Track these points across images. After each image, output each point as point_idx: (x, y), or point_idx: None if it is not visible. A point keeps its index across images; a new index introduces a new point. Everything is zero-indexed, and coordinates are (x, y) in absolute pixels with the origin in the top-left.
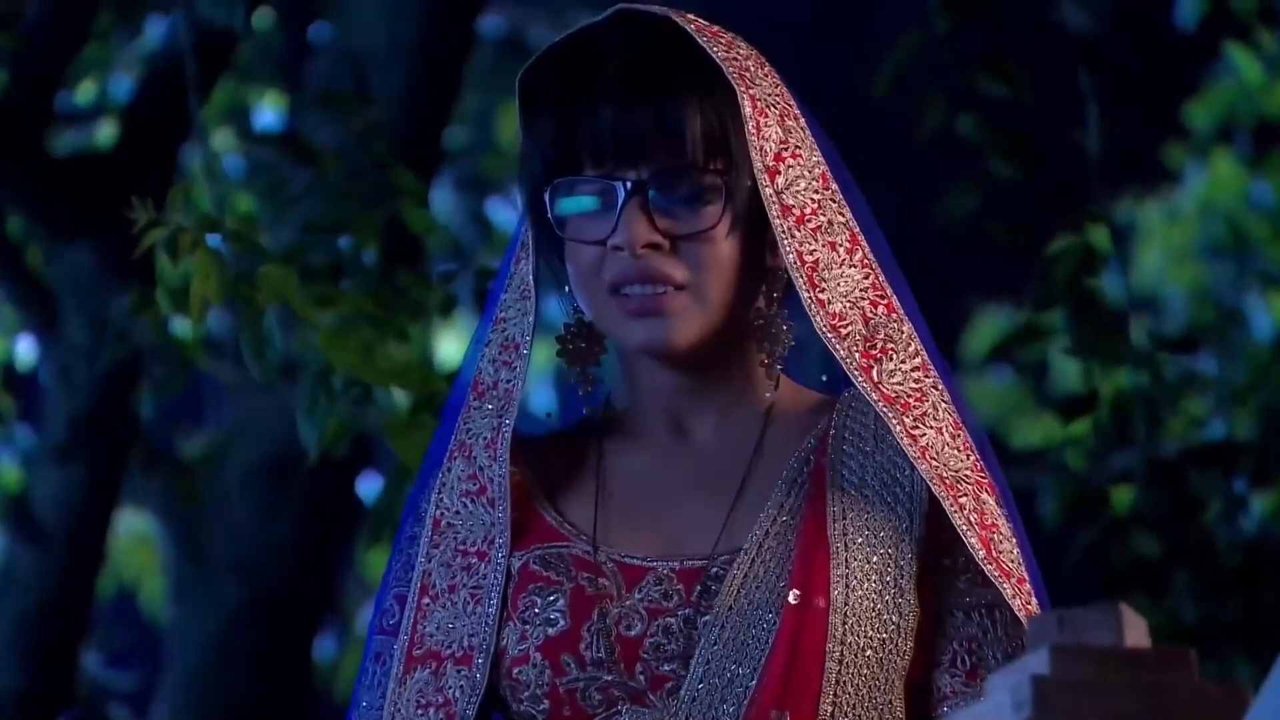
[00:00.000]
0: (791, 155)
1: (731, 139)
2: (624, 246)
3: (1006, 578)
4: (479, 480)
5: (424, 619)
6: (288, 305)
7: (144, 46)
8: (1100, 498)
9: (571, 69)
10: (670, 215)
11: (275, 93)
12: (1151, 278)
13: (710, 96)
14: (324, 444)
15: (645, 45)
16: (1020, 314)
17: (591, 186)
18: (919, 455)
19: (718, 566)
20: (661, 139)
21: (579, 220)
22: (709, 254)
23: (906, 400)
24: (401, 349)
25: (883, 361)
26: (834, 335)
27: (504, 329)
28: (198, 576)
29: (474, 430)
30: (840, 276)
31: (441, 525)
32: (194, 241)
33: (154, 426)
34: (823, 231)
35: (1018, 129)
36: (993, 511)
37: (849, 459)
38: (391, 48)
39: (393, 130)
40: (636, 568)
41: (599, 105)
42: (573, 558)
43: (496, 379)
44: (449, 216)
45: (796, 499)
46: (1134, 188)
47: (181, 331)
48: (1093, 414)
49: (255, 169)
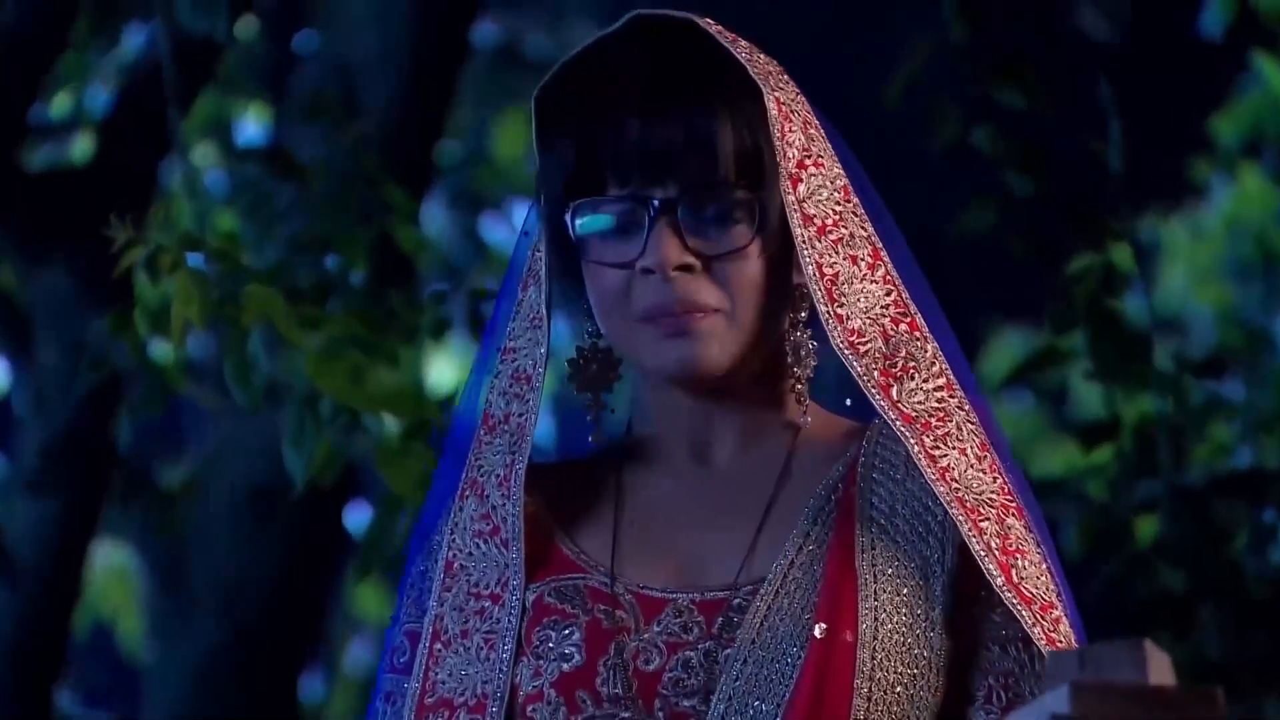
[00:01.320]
0: (814, 164)
1: (763, 151)
2: (654, 269)
3: (1027, 605)
4: (492, 520)
5: (436, 665)
6: (273, 327)
7: (122, 57)
8: (1123, 529)
9: (591, 81)
10: (701, 235)
11: (259, 105)
12: (1176, 298)
13: (739, 106)
14: (311, 472)
15: (668, 53)
16: (1039, 336)
17: (616, 206)
18: (938, 477)
19: (740, 598)
20: (691, 154)
21: (602, 242)
22: (741, 274)
23: (927, 420)
24: (391, 373)
25: (903, 381)
26: (852, 352)
27: (514, 359)
28: (178, 611)
29: (485, 467)
30: (861, 292)
31: (454, 568)
32: (174, 261)
33: (132, 454)
34: (844, 244)
35: (1036, 142)
36: (1019, 536)
37: (879, 487)
38: (381, 57)
39: (382, 144)
40: (655, 599)
41: (623, 119)
42: (589, 589)
43: (508, 412)
44: (441, 234)
45: (823, 528)
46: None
47: (161, 355)
48: (1115, 441)
49: (238, 185)
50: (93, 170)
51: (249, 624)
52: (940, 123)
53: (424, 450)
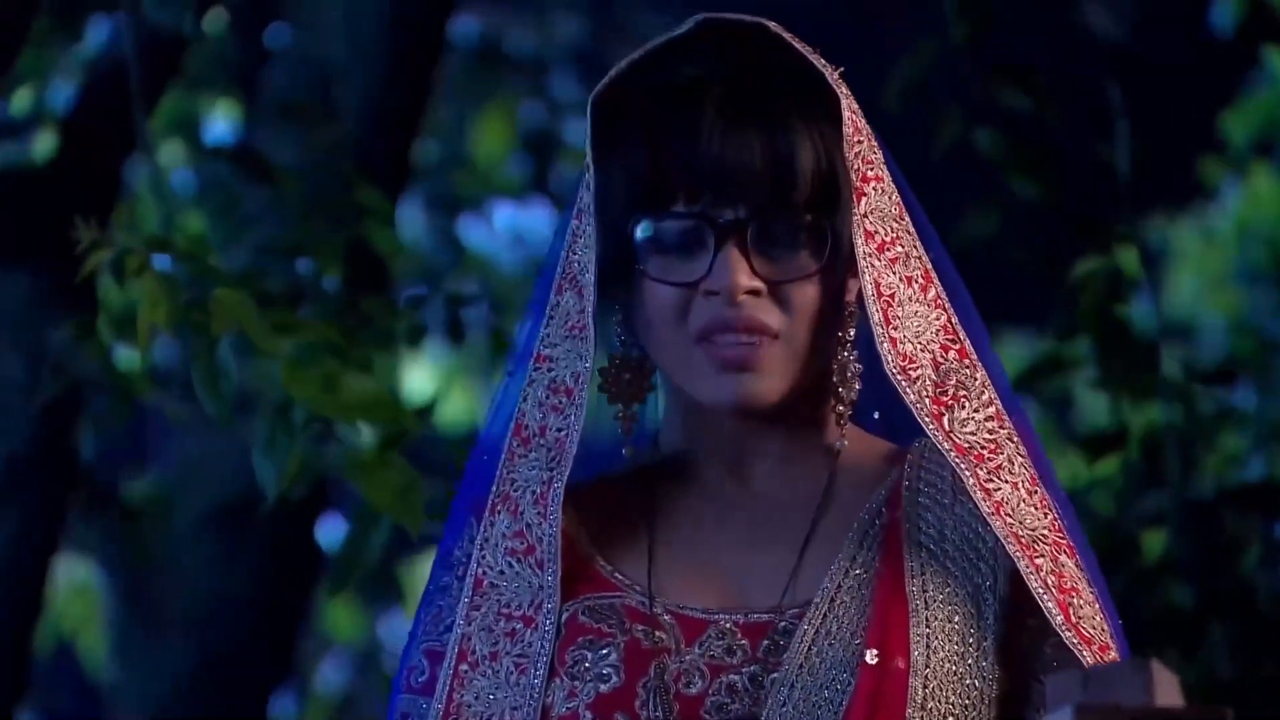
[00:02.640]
0: (875, 178)
1: (839, 173)
2: (720, 291)
3: (1087, 645)
4: (526, 539)
5: (462, 687)
6: (243, 334)
7: (85, 51)
8: (1129, 543)
9: (663, 87)
10: (769, 258)
11: (228, 102)
12: (1185, 304)
13: (816, 123)
14: (283, 485)
15: (744, 62)
16: (1043, 343)
17: (683, 223)
18: (993, 511)
19: (786, 621)
20: (769, 175)
21: (663, 258)
22: (804, 299)
23: (980, 452)
24: (366, 381)
25: (954, 409)
26: (904, 378)
27: (550, 369)
28: (143, 629)
29: (520, 482)
30: (913, 315)
31: (484, 585)
32: (141, 264)
33: (96, 467)
34: (900, 263)
35: (1040, 144)
36: (1072, 575)
37: (926, 512)
38: (355, 53)
39: (357, 144)
40: (696, 620)
41: (699, 132)
42: (625, 609)
43: (544, 425)
44: (418, 237)
45: (870, 552)
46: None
47: (127, 363)
48: (1121, 452)
49: (207, 185)
50: (55, 170)
51: (217, 642)
52: (941, 125)
53: (400, 461)
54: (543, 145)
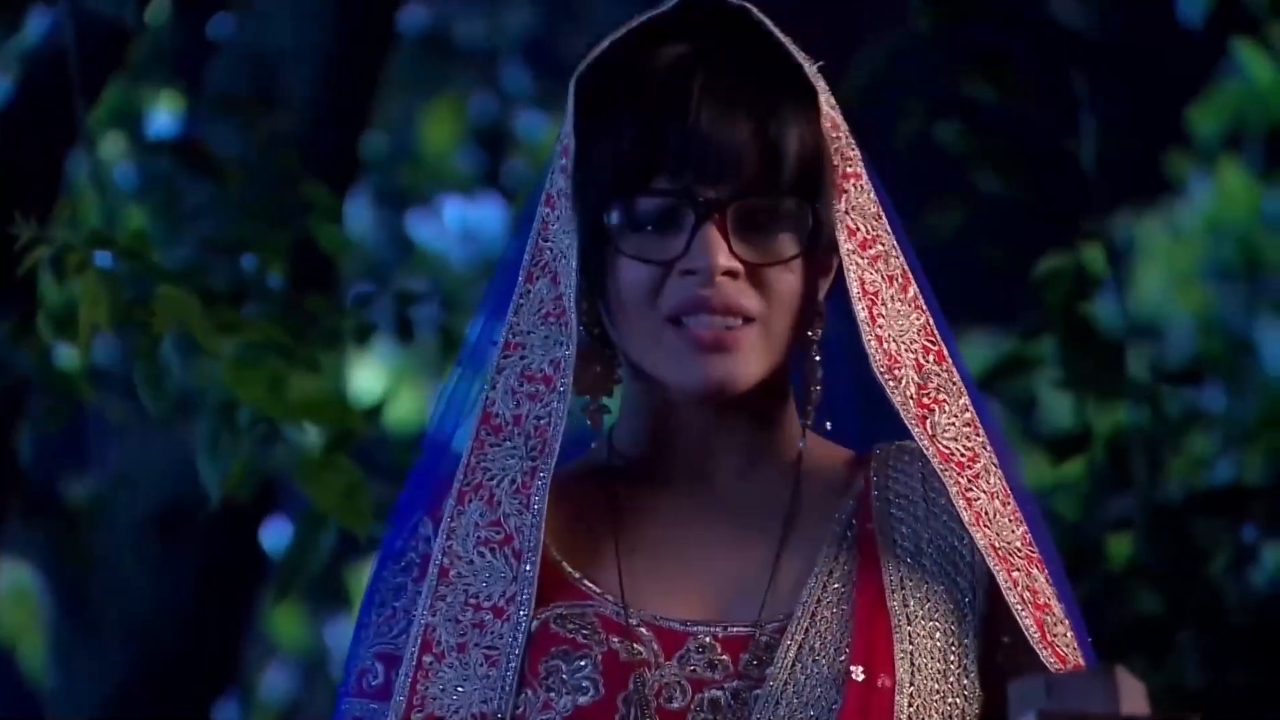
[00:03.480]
0: (854, 173)
1: (822, 159)
2: (698, 271)
3: (1062, 663)
4: (503, 528)
5: (426, 679)
6: (186, 332)
7: (23, 42)
8: (1095, 548)
9: (648, 66)
10: (748, 240)
11: (171, 94)
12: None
13: (801, 107)
14: (226, 487)
15: (730, 43)
16: (1007, 342)
17: (663, 200)
18: (974, 521)
19: (767, 635)
20: (756, 155)
21: (639, 237)
22: (782, 285)
23: (960, 460)
24: (313, 381)
25: (935, 414)
26: (890, 379)
27: (523, 355)
28: (83, 634)
29: (495, 471)
30: (896, 314)
31: (450, 575)
32: (81, 261)
33: (34, 469)
34: (881, 261)
35: (1004, 137)
36: (1044, 590)
37: (900, 524)
38: (301, 44)
39: (302, 137)
40: (674, 632)
41: (689, 109)
42: (599, 618)
43: (519, 413)
44: (365, 233)
45: (846, 565)
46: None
47: (66, 362)
48: (1086, 454)
49: (149, 180)
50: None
51: (159, 648)
52: (903, 117)
53: (348, 463)
54: (493, 138)
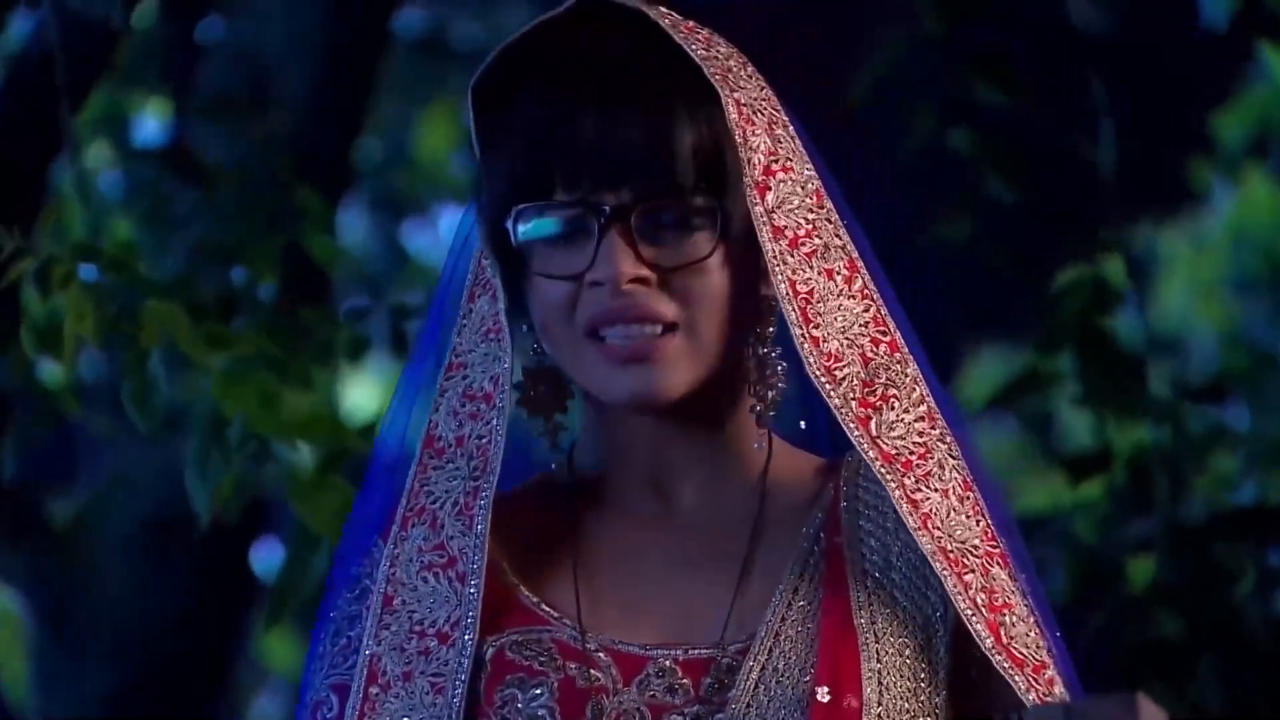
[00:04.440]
0: (782, 169)
1: (725, 154)
2: (605, 282)
3: (1019, 668)
4: (446, 551)
5: (373, 711)
6: (174, 346)
7: (6, 45)
8: (1114, 571)
9: (536, 72)
10: (657, 244)
11: (159, 100)
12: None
13: (699, 105)
14: (216, 506)
15: (621, 44)
16: (1022, 357)
17: (564, 212)
18: (919, 525)
19: (729, 657)
20: (648, 156)
21: (547, 251)
22: (701, 287)
23: (908, 458)
24: (305, 397)
25: (883, 411)
26: (828, 380)
27: (465, 375)
28: (68, 659)
29: (438, 494)
30: (838, 310)
31: (394, 603)
32: (66, 273)
33: (18, 487)
34: (818, 257)
35: (1019, 143)
36: (1004, 588)
37: (868, 537)
38: (293, 48)
39: (294, 143)
40: (633, 657)
41: (574, 116)
42: (556, 644)
43: (461, 434)
44: (359, 243)
45: (812, 582)
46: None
47: (51, 377)
48: (1106, 474)
49: (136, 188)
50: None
51: (146, 673)
52: (913, 122)
53: (342, 482)
54: None
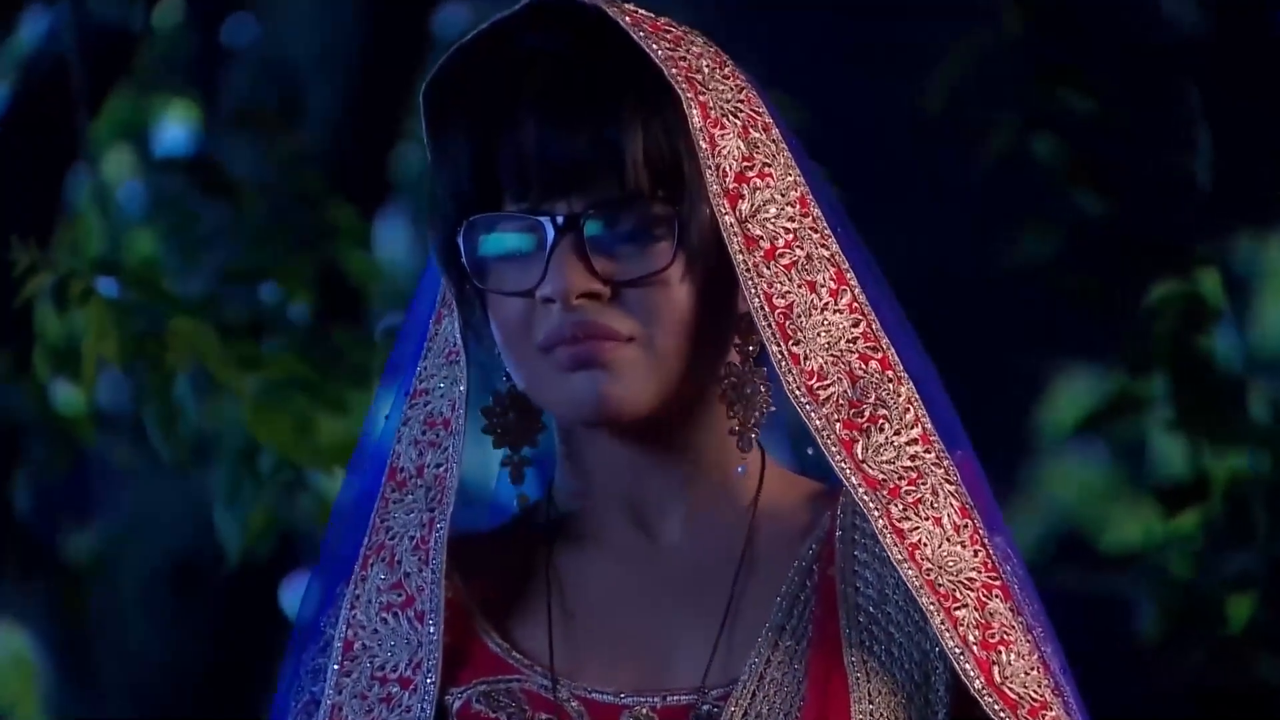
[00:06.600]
0: (758, 175)
1: (684, 159)
2: (555, 298)
3: (1012, 709)
4: (404, 589)
5: None
6: (202, 369)
7: (20, 48)
8: (1211, 609)
9: (485, 76)
10: (611, 256)
11: (183, 106)
12: (1275, 335)
13: (656, 108)
14: (247, 541)
15: (574, 45)
16: (1112, 380)
17: (514, 225)
18: (905, 557)
19: (710, 703)
20: (596, 163)
21: (501, 266)
22: (661, 301)
23: (896, 485)
24: (340, 422)
25: (870, 433)
26: (810, 400)
27: (427, 402)
28: (85, 706)
29: (396, 529)
30: (821, 324)
31: (354, 648)
32: (84, 289)
33: (33, 521)
34: (799, 268)
35: (1107, 153)
36: (1002, 624)
37: (864, 569)
38: (326, 50)
39: (327, 154)
40: (608, 706)
41: (521, 123)
42: (526, 694)
43: (421, 464)
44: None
45: (801, 620)
46: (1252, 224)
47: (67, 402)
48: (1202, 505)
49: (159, 201)
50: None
51: (168, 718)
52: (993, 132)
53: None
54: None
